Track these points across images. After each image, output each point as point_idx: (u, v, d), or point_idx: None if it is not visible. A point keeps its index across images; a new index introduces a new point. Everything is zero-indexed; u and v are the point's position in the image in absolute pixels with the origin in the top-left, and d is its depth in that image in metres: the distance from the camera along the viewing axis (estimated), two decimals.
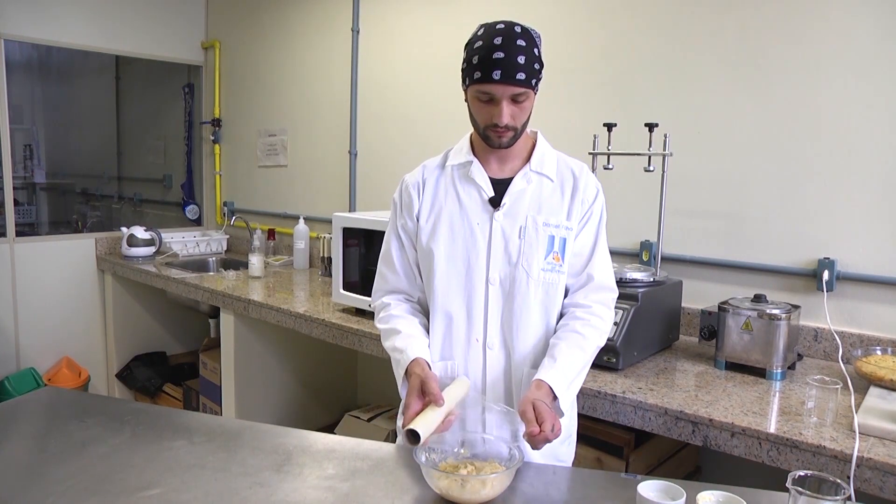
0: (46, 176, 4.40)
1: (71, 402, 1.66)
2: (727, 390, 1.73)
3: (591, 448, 1.92)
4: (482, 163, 1.44)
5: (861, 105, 1.94)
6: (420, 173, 1.50)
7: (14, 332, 3.59)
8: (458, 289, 1.43)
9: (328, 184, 3.57)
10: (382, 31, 3.21)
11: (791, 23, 2.04)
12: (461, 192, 1.44)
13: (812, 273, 2.04)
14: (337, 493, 1.20)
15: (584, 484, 1.27)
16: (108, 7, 3.80)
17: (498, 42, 1.28)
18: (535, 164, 1.44)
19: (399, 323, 1.46)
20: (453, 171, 1.47)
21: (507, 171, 1.44)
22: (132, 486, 1.21)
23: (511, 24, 1.32)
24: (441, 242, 1.43)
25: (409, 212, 1.48)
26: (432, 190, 1.47)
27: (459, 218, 1.43)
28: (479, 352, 1.43)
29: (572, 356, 1.35)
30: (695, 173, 2.24)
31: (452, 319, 1.43)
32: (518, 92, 1.30)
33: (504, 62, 1.27)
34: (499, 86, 1.28)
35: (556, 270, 1.42)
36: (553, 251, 1.41)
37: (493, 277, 1.41)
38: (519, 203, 1.42)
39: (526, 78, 1.29)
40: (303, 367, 3.26)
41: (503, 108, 1.30)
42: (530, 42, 1.31)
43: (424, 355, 1.37)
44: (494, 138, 1.36)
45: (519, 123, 1.35)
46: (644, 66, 2.35)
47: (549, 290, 1.42)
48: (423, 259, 1.47)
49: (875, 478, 1.34)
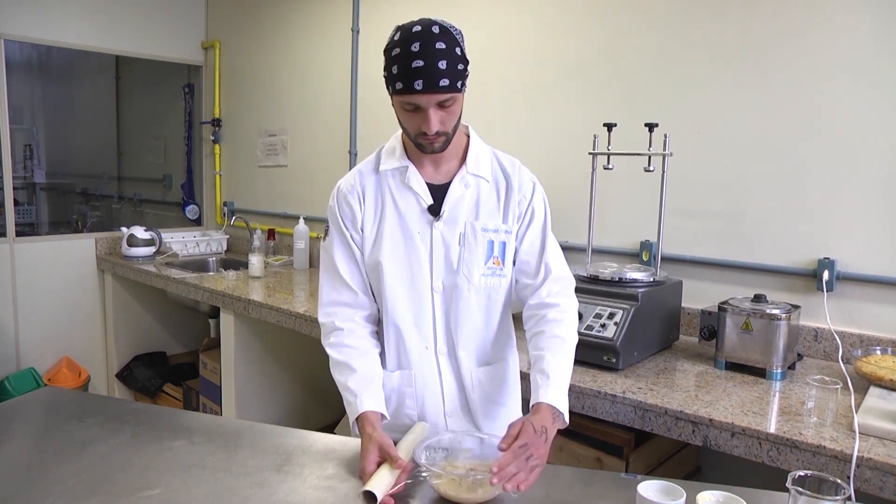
0: (46, 176, 4.40)
1: (71, 402, 1.66)
2: (727, 390, 1.73)
3: (591, 448, 1.92)
4: (417, 166, 1.41)
5: (861, 105, 1.94)
6: (357, 180, 1.45)
7: (14, 332, 3.59)
8: (406, 299, 1.42)
9: (328, 184, 3.53)
10: (382, 31, 3.19)
11: (791, 23, 2.04)
12: (399, 199, 1.41)
13: (812, 273, 2.04)
14: (337, 493, 1.20)
15: (584, 484, 1.27)
16: (107, 7, 3.80)
17: (416, 49, 1.22)
18: (472, 167, 1.41)
19: (353, 359, 1.40)
20: (389, 177, 1.43)
21: (443, 175, 1.42)
22: (132, 486, 1.20)
23: (428, 26, 1.25)
24: (386, 253, 1.41)
25: (352, 223, 1.44)
26: (372, 198, 1.43)
27: (399, 227, 1.41)
28: (431, 359, 1.45)
29: (562, 365, 1.35)
30: (695, 173, 2.24)
31: (403, 329, 1.44)
32: (444, 98, 1.25)
33: (425, 70, 1.21)
34: (422, 95, 1.23)
35: (496, 275, 1.42)
36: (493, 256, 1.41)
37: (436, 285, 1.41)
38: (457, 209, 1.40)
39: (450, 83, 1.23)
40: (303, 367, 3.26)
41: (430, 117, 1.26)
42: (450, 42, 1.24)
43: (376, 407, 1.33)
44: (427, 145, 1.32)
45: (449, 127, 1.31)
46: (644, 66, 2.35)
47: (491, 294, 1.43)
48: (370, 270, 1.45)
49: (875, 478, 1.33)
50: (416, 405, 1.47)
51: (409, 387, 1.46)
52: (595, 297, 1.97)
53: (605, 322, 1.87)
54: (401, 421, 1.46)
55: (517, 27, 2.70)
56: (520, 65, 2.69)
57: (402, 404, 1.47)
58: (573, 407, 1.75)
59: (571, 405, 1.74)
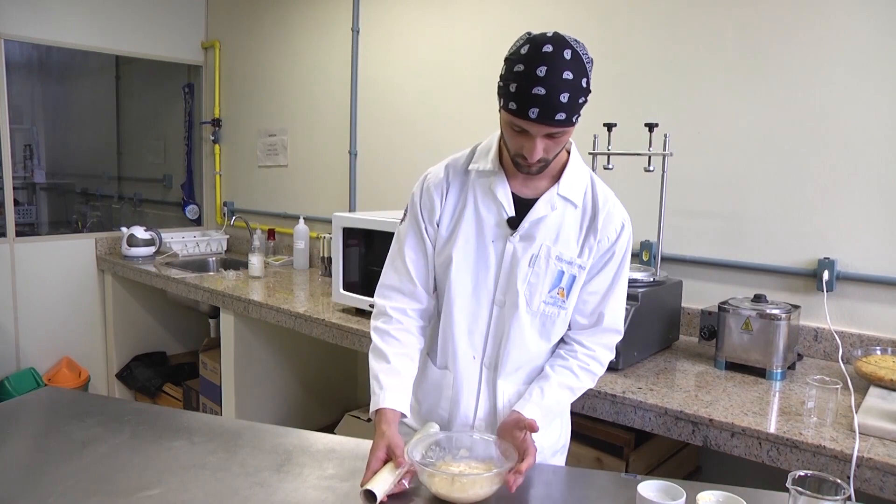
0: (46, 176, 4.40)
1: (71, 402, 1.66)
2: (727, 390, 1.73)
3: (591, 448, 1.91)
4: (508, 174, 1.35)
5: (861, 104, 1.94)
6: (445, 175, 1.40)
7: (14, 332, 3.59)
8: (465, 304, 1.39)
9: (328, 184, 3.57)
10: (382, 31, 3.21)
11: (791, 22, 2.04)
12: (481, 204, 1.36)
13: (812, 273, 2.04)
14: (337, 493, 1.20)
15: (584, 484, 1.27)
16: (107, 7, 3.80)
17: (541, 74, 1.12)
18: (564, 189, 1.34)
19: (392, 349, 1.38)
20: (476, 178, 1.38)
21: (532, 189, 1.35)
22: (132, 486, 1.21)
23: (560, 48, 1.14)
24: (456, 255, 1.37)
25: (429, 216, 1.40)
26: (455, 196, 1.39)
27: (475, 232, 1.37)
28: (475, 369, 1.42)
29: (560, 396, 1.36)
30: (695, 173, 2.24)
31: (456, 333, 1.41)
32: (555, 131, 1.18)
33: (544, 100, 1.13)
34: (534, 125, 1.16)
35: (557, 305, 1.37)
36: (559, 286, 1.35)
37: (498, 298, 1.38)
38: (537, 229, 1.34)
39: (566, 117, 1.15)
40: (303, 367, 3.26)
41: (536, 145, 1.20)
42: (579, 72, 1.15)
43: (398, 406, 1.31)
44: (523, 166, 1.26)
45: (551, 155, 1.25)
46: (644, 66, 2.35)
47: (546, 323, 1.38)
48: (438, 266, 1.42)
49: (875, 478, 1.34)
50: (450, 408, 1.44)
51: (449, 389, 1.44)
52: None
53: None
54: (432, 419, 1.45)
55: (516, 26, 2.69)
56: None
57: (438, 404, 1.45)
58: (573, 407, 1.75)
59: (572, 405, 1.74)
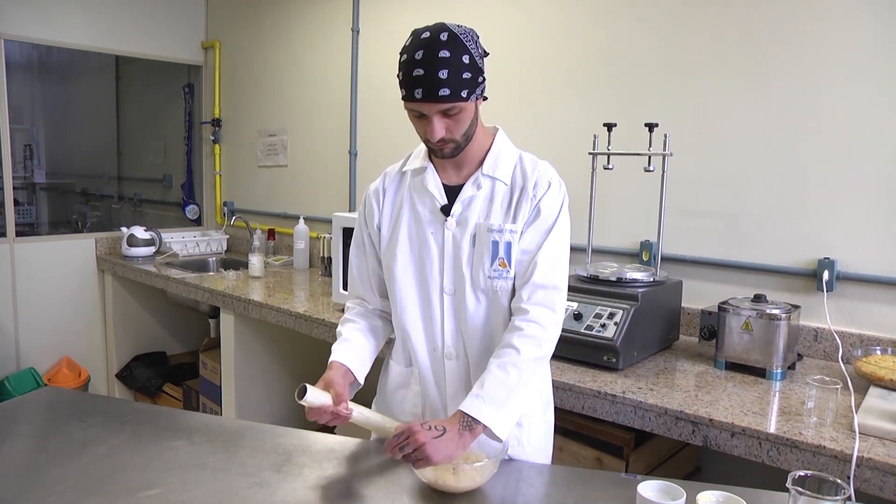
0: (46, 176, 4.40)
1: (71, 402, 1.66)
2: (727, 390, 1.73)
3: (591, 448, 1.91)
4: (438, 168, 1.42)
5: (861, 105, 1.94)
6: (381, 181, 1.50)
7: (14, 332, 3.59)
8: (415, 299, 1.42)
9: (328, 184, 3.57)
10: (382, 31, 3.20)
11: (791, 23, 2.04)
12: (416, 200, 1.43)
13: (812, 273, 2.04)
14: (337, 493, 1.20)
15: (584, 484, 1.27)
16: (108, 7, 3.80)
17: (418, 57, 1.21)
18: (487, 168, 1.39)
19: (347, 330, 1.50)
20: (410, 178, 1.45)
21: (463, 178, 1.41)
22: (132, 486, 1.21)
23: (437, 33, 1.23)
24: (399, 253, 1.42)
25: (369, 221, 1.49)
26: (392, 199, 1.47)
27: (415, 227, 1.42)
28: (438, 362, 1.43)
29: (501, 377, 1.27)
30: (695, 173, 2.24)
31: (411, 331, 1.43)
32: (446, 107, 1.24)
33: (424, 80, 1.21)
34: (423, 104, 1.24)
35: (502, 277, 1.35)
36: (499, 257, 1.35)
37: (447, 287, 1.39)
38: (469, 210, 1.38)
39: (451, 93, 1.22)
40: (303, 367, 3.25)
41: (434, 125, 1.26)
42: (457, 50, 1.22)
43: (345, 360, 1.40)
44: (437, 150, 1.33)
45: (458, 135, 1.30)
46: (644, 66, 2.35)
47: (496, 297, 1.37)
48: (385, 269, 1.47)
49: (875, 478, 1.33)
50: (421, 404, 1.47)
51: (416, 384, 1.46)
52: (595, 297, 1.97)
53: (605, 322, 1.87)
54: (404, 417, 1.47)
55: (516, 26, 2.70)
56: (519, 64, 2.68)
57: (406, 400, 1.48)
58: (573, 407, 1.75)
59: (572, 405, 1.75)
